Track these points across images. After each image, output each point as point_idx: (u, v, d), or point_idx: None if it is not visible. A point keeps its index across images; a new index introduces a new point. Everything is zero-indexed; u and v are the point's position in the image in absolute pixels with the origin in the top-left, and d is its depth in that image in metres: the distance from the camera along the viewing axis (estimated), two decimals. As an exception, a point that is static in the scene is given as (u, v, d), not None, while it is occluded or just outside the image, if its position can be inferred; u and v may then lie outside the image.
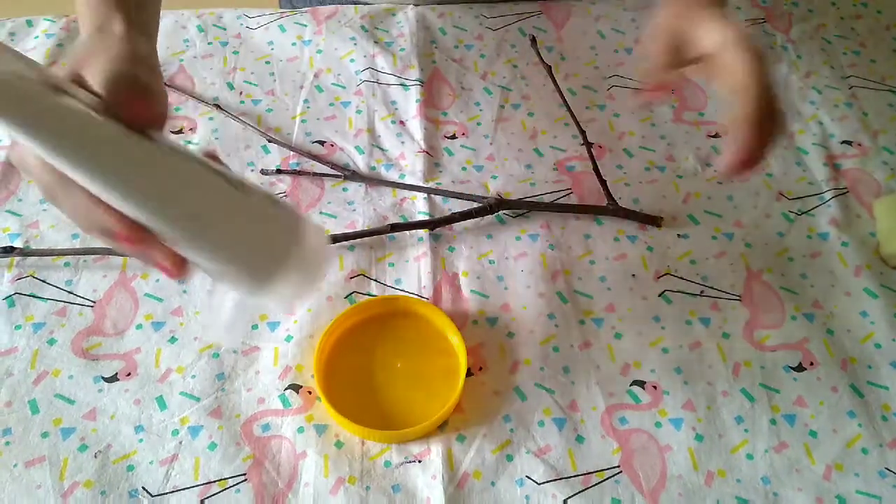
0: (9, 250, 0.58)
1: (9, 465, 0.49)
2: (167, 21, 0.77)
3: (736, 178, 0.60)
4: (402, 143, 0.68)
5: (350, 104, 0.71)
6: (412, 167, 0.66)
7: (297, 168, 0.66)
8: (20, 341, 0.54)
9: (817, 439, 0.51)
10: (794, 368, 0.55)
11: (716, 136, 0.69)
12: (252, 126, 0.68)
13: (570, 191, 0.65)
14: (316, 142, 0.68)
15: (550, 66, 0.66)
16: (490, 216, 0.63)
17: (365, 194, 0.64)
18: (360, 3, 0.80)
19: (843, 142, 0.69)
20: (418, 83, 0.72)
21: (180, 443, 0.50)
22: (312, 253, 0.40)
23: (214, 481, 0.49)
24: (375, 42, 0.76)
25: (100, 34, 0.41)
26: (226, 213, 0.37)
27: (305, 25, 0.77)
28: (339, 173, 0.65)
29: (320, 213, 0.63)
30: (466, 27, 0.78)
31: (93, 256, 0.59)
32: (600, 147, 0.68)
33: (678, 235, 0.62)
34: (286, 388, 0.53)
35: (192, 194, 0.36)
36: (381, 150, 0.68)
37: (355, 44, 0.76)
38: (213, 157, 0.39)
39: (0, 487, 0.48)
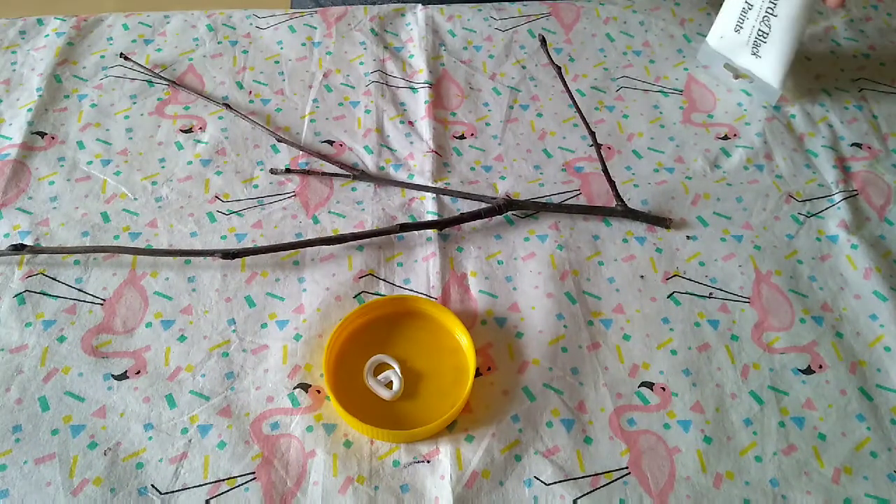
0: (19, 248, 0.58)
1: (19, 463, 0.49)
2: (177, 20, 0.78)
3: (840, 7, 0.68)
4: (411, 143, 0.68)
5: (359, 104, 0.71)
6: (421, 167, 0.66)
7: (307, 167, 0.66)
8: (30, 339, 0.55)
9: (826, 442, 0.51)
10: (802, 371, 0.55)
11: (724, 137, 0.69)
12: (261, 125, 0.68)
13: (578, 192, 0.65)
14: (325, 141, 0.68)
15: (560, 67, 0.66)
16: (499, 216, 0.63)
17: (374, 194, 0.64)
18: (368, 3, 0.80)
19: (853, 144, 0.69)
20: (427, 85, 0.72)
21: (189, 441, 0.50)
22: None
23: (223, 480, 0.49)
24: (385, 48, 0.76)
25: None
26: None
27: (315, 28, 0.77)
28: (347, 173, 0.65)
29: (329, 212, 0.63)
30: (475, 29, 0.78)
31: (102, 254, 0.59)
32: (609, 148, 0.68)
33: (687, 237, 0.62)
34: (295, 387, 0.53)
35: None
36: (390, 150, 0.68)
37: (365, 48, 0.76)
38: None
39: (10, 484, 0.48)
